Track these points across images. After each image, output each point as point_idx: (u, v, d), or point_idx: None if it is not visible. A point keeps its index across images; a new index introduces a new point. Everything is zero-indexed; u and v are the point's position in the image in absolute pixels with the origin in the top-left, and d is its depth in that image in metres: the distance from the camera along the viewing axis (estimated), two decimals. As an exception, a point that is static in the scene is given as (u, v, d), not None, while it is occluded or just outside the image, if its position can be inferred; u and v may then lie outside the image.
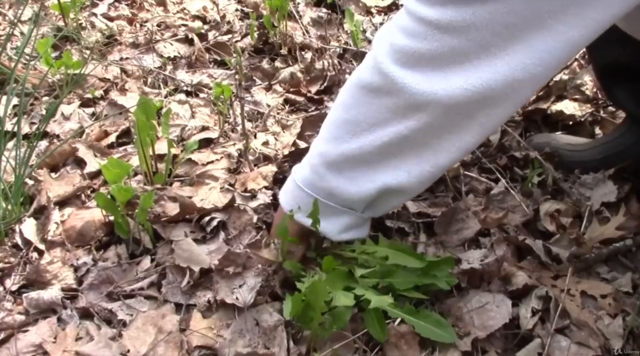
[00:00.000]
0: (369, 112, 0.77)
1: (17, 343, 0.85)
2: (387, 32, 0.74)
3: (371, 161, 0.80)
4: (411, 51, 0.70)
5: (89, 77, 1.49)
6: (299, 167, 0.89)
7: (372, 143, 0.78)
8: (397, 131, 0.76)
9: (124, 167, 1.01)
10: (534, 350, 0.81)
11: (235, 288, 0.89)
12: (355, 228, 0.89)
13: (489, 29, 0.65)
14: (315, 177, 0.85)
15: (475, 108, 0.71)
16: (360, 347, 0.84)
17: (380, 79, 0.74)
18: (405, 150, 0.78)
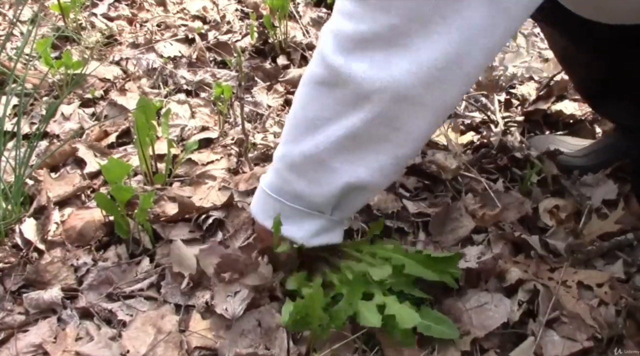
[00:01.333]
0: (322, 107, 0.75)
1: (17, 343, 0.85)
2: (330, 22, 0.73)
3: (329, 159, 0.78)
4: (352, 35, 0.68)
5: (89, 77, 1.49)
6: (266, 174, 0.88)
7: (327, 140, 0.76)
8: (350, 124, 0.74)
9: (124, 167, 1.01)
10: (528, 347, 0.82)
11: (230, 295, 0.88)
12: (327, 232, 0.87)
13: (427, 3, 0.63)
14: (280, 181, 0.84)
15: (424, 92, 0.69)
16: (359, 347, 0.84)
17: (326, 71, 0.72)
18: (360, 145, 0.76)
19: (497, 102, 1.41)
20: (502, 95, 1.45)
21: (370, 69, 0.68)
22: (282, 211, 0.83)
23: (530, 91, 1.46)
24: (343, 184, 0.79)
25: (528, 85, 1.48)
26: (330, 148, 0.76)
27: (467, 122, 1.37)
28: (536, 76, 1.52)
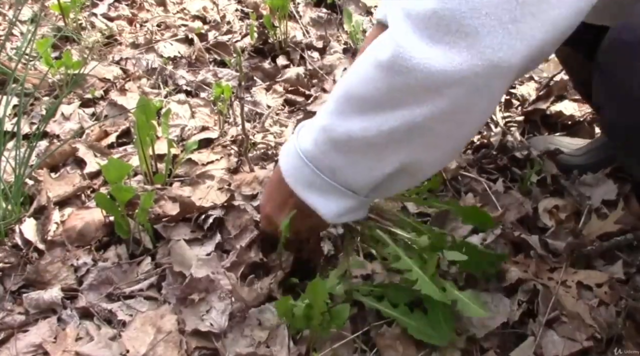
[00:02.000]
0: (379, 92, 0.66)
1: (17, 343, 0.85)
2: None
3: (378, 147, 0.70)
4: (430, 15, 0.57)
5: (89, 77, 1.49)
6: (303, 134, 0.78)
7: (379, 128, 0.68)
8: (409, 118, 0.65)
9: (124, 167, 1.01)
10: (528, 347, 0.82)
11: (204, 314, 0.87)
12: (354, 211, 0.82)
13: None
14: (318, 152, 0.75)
15: (499, 81, 0.61)
16: (359, 347, 0.84)
17: (392, 56, 0.62)
18: (417, 138, 0.68)
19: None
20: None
21: (445, 57, 0.58)
22: (314, 182, 0.77)
23: (530, 91, 1.46)
24: (390, 171, 0.73)
25: (528, 85, 1.48)
26: (381, 136, 0.68)
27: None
28: (536, 76, 1.52)
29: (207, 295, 0.89)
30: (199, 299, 0.88)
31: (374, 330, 0.86)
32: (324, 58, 1.65)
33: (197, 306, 0.88)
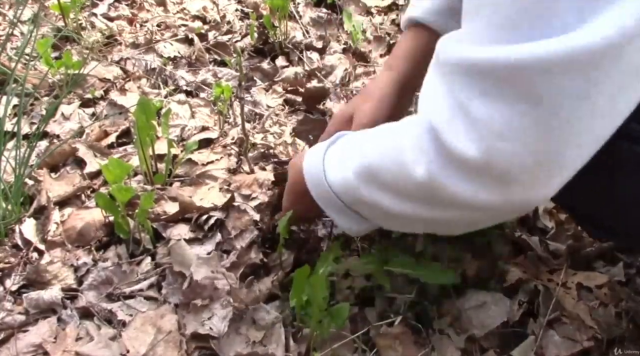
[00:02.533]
0: (408, 190, 0.64)
1: (17, 343, 0.85)
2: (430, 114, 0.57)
3: (403, 217, 0.70)
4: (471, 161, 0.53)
5: (89, 77, 1.49)
6: (333, 165, 0.76)
7: (405, 210, 0.67)
8: (436, 215, 0.65)
9: (124, 167, 1.01)
10: (529, 346, 0.82)
11: (205, 320, 0.87)
12: (375, 227, 0.83)
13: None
14: (346, 195, 0.75)
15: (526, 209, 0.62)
16: (359, 347, 0.84)
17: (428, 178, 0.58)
18: (440, 225, 0.70)
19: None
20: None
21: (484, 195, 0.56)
22: (338, 206, 0.77)
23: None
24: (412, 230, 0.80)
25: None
26: (406, 214, 0.68)
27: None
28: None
29: (210, 302, 0.89)
30: (202, 305, 0.88)
31: (374, 330, 0.86)
32: (323, 58, 1.65)
33: (199, 312, 0.88)
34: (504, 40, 0.47)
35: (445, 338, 0.85)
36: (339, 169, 0.75)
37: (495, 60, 0.47)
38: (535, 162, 0.52)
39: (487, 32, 0.49)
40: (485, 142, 0.51)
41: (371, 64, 1.62)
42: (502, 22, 0.48)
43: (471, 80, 0.50)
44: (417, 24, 0.92)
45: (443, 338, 0.85)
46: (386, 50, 1.69)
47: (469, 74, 0.50)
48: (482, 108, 0.50)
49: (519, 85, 0.47)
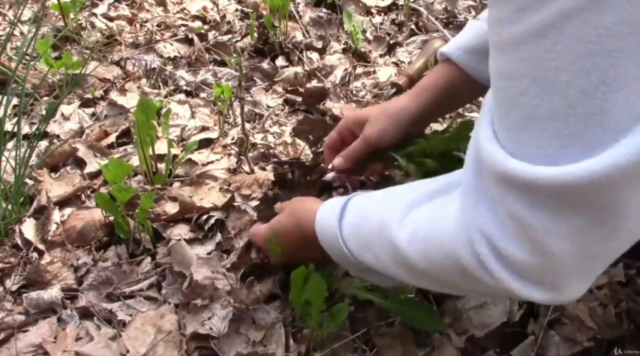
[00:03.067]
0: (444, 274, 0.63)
1: (17, 343, 0.85)
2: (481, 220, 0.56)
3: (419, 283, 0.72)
4: (525, 265, 0.54)
5: (89, 77, 1.49)
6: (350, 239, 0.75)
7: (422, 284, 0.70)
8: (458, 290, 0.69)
9: (125, 167, 1.01)
10: (528, 347, 0.82)
11: (205, 320, 0.87)
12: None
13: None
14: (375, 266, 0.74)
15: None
16: (359, 346, 0.84)
17: (477, 270, 0.58)
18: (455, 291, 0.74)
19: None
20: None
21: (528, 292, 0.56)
22: (350, 263, 0.77)
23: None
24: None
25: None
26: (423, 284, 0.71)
27: (466, 122, 1.37)
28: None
29: (210, 303, 0.89)
30: (202, 305, 0.88)
31: (374, 330, 0.86)
32: (323, 58, 1.65)
33: (199, 312, 0.88)
34: (557, 160, 0.48)
35: (445, 338, 0.85)
36: (365, 249, 0.73)
37: (548, 180, 0.48)
38: (584, 265, 0.54)
39: (537, 151, 0.49)
40: (539, 248, 0.52)
41: (371, 64, 1.62)
42: (551, 141, 0.48)
43: (521, 193, 0.50)
44: (448, 59, 0.94)
45: (443, 338, 0.85)
46: (386, 50, 1.69)
47: (520, 188, 0.50)
48: (534, 218, 0.50)
49: (570, 199, 0.48)
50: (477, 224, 0.56)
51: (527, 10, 0.46)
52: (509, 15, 0.48)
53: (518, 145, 0.51)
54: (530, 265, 0.53)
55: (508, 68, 0.50)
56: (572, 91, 0.45)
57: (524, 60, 0.48)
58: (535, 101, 0.48)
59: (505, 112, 0.52)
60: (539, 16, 0.45)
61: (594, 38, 0.43)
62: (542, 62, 0.46)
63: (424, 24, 1.80)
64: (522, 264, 0.54)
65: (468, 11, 1.92)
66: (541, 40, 0.46)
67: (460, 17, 1.88)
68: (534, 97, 0.48)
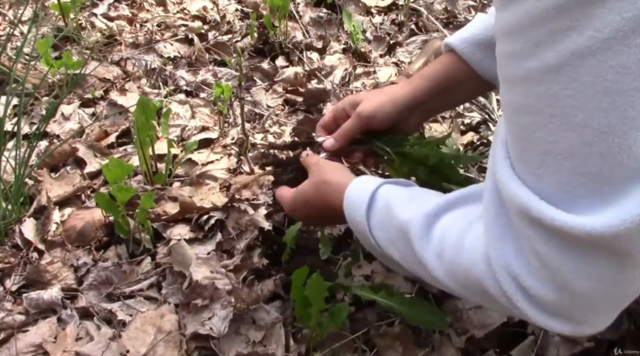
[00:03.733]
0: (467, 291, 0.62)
1: (17, 343, 0.85)
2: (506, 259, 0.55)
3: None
4: (550, 302, 0.53)
5: (89, 77, 1.49)
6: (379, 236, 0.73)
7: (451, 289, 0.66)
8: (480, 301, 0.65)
9: (125, 167, 1.01)
10: (528, 347, 0.82)
11: (205, 320, 0.87)
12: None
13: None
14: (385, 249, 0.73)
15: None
16: (359, 346, 0.84)
17: (501, 299, 0.57)
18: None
19: (496, 101, 1.41)
20: (502, 95, 1.45)
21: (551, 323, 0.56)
22: (377, 252, 0.76)
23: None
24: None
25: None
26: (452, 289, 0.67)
27: (466, 122, 1.37)
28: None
29: (210, 303, 0.89)
30: (202, 305, 0.88)
31: (374, 330, 0.86)
32: (323, 58, 1.65)
33: (199, 312, 0.88)
34: (577, 199, 0.47)
35: (445, 339, 0.85)
36: (390, 245, 0.72)
37: (581, 230, 0.46)
38: (615, 303, 0.53)
39: (557, 187, 0.48)
40: (567, 289, 0.51)
41: (371, 64, 1.62)
42: (570, 178, 0.47)
43: (549, 237, 0.49)
44: (452, 50, 0.92)
45: (443, 339, 0.85)
46: (386, 50, 1.69)
47: (549, 231, 0.49)
48: (563, 261, 0.49)
49: (603, 246, 0.47)
50: (503, 262, 0.54)
51: (541, 46, 0.45)
52: (523, 50, 0.46)
53: (539, 181, 0.49)
54: (558, 303, 0.52)
55: (523, 103, 0.48)
56: (588, 130, 0.44)
57: (540, 96, 0.46)
58: (552, 138, 0.47)
59: (522, 147, 0.50)
60: (553, 53, 0.44)
61: (610, 76, 0.42)
62: (558, 99, 0.45)
63: (424, 24, 1.80)
64: (550, 302, 0.52)
65: (468, 11, 1.92)
66: (556, 78, 0.45)
67: (460, 17, 1.88)
68: (550, 133, 0.47)
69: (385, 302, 0.82)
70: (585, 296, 0.51)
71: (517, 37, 0.47)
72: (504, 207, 0.55)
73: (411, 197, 0.73)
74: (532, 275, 0.52)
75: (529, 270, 0.52)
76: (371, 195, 0.74)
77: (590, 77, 0.43)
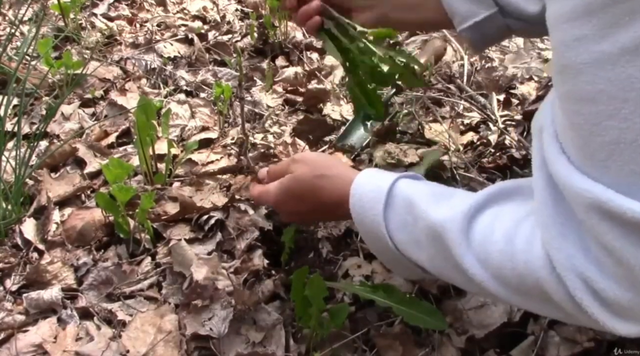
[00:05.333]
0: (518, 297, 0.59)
1: (17, 343, 0.85)
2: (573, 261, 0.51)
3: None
4: (623, 302, 0.50)
5: (89, 77, 1.49)
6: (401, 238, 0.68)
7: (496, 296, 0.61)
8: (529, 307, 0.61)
9: (125, 167, 1.01)
10: (528, 347, 0.82)
11: (205, 321, 0.87)
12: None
13: None
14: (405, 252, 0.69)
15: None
16: (359, 346, 0.84)
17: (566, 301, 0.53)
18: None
19: (496, 101, 1.41)
20: (501, 95, 1.45)
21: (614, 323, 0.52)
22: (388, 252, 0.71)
23: (530, 91, 1.45)
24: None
25: (528, 84, 1.48)
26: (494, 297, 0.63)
27: (466, 122, 1.37)
28: (536, 76, 1.52)
29: (211, 303, 0.89)
30: (202, 306, 0.88)
31: (374, 330, 0.86)
32: (323, 58, 1.65)
33: (200, 312, 0.88)
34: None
35: (445, 338, 0.85)
36: (416, 248, 0.67)
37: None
38: None
39: (629, 179, 0.46)
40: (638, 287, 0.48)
41: (371, 64, 1.62)
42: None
43: (626, 231, 0.47)
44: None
45: (443, 338, 0.85)
46: (386, 50, 1.69)
47: (626, 226, 0.47)
48: (632, 254, 0.47)
49: None
50: (569, 265, 0.51)
51: (615, 27, 0.43)
52: (594, 33, 0.44)
53: (606, 173, 0.47)
54: (634, 302, 0.49)
55: (590, 91, 0.46)
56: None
57: (612, 81, 0.44)
58: (625, 125, 0.45)
59: (585, 139, 0.48)
60: (630, 33, 0.42)
61: None
62: (634, 82, 0.43)
63: (424, 24, 1.80)
64: (624, 303, 0.50)
65: (468, 11, 1.92)
66: (633, 59, 0.43)
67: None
68: (623, 120, 0.44)
69: (384, 302, 0.81)
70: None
71: (585, 20, 0.45)
72: (561, 205, 0.52)
73: (436, 193, 0.67)
74: (604, 274, 0.49)
75: (599, 269, 0.49)
76: (388, 192, 0.68)
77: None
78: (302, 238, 0.99)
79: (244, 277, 0.94)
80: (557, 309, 0.55)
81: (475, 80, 1.48)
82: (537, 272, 0.54)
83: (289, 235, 0.90)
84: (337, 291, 0.91)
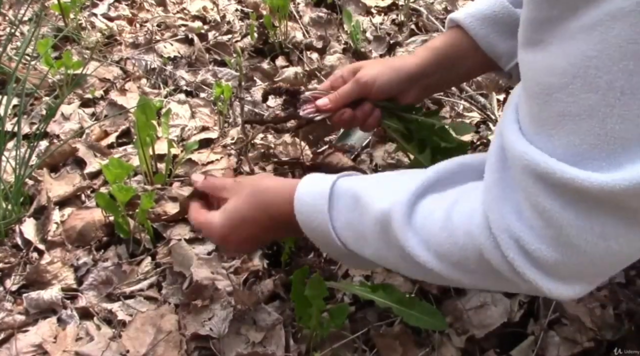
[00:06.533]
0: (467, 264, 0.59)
1: (17, 343, 0.85)
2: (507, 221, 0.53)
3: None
4: (553, 263, 0.52)
5: (89, 77, 1.49)
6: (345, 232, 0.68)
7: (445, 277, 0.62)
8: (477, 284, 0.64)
9: (125, 167, 1.01)
10: (528, 347, 0.82)
11: (205, 321, 0.87)
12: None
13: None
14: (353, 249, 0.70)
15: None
16: (359, 346, 0.84)
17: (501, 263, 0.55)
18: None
19: (496, 101, 1.41)
20: (501, 95, 1.45)
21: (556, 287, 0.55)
22: (350, 257, 0.72)
23: (530, 91, 1.45)
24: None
25: (528, 85, 1.48)
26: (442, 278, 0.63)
27: (466, 122, 1.37)
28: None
29: (211, 303, 0.89)
30: (202, 306, 0.88)
31: (374, 330, 0.86)
32: (323, 58, 1.65)
33: (200, 312, 0.88)
34: (585, 160, 0.47)
35: (445, 338, 0.85)
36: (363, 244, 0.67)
37: (598, 187, 0.46)
38: (615, 262, 0.53)
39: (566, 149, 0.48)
40: (570, 247, 0.50)
41: (371, 64, 1.62)
42: (583, 139, 0.47)
43: (556, 193, 0.49)
44: (457, 26, 0.91)
45: (443, 338, 0.85)
46: (386, 50, 1.69)
47: (556, 187, 0.49)
48: (567, 218, 0.49)
49: (611, 202, 0.47)
50: (503, 225, 0.53)
51: (581, 10, 0.45)
52: (563, 13, 0.46)
53: (549, 141, 0.49)
54: (561, 262, 0.52)
55: (547, 63, 0.49)
56: (611, 92, 0.44)
57: (567, 56, 0.46)
58: (572, 99, 0.47)
59: (539, 107, 0.50)
60: (591, 11, 0.44)
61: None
62: (584, 59, 0.45)
63: (424, 24, 1.80)
64: (552, 263, 0.52)
65: (468, 11, 1.92)
66: (587, 37, 0.45)
67: (460, 17, 1.87)
68: (570, 94, 0.47)
69: (384, 302, 0.81)
70: (588, 255, 0.50)
71: (555, 3, 0.47)
72: (506, 169, 0.54)
73: (380, 182, 0.68)
74: (534, 234, 0.52)
75: (531, 230, 0.52)
76: (330, 192, 0.67)
77: (619, 39, 0.43)
78: (302, 238, 0.99)
79: (244, 277, 0.94)
80: (499, 280, 0.57)
81: (475, 80, 1.48)
82: (477, 239, 0.56)
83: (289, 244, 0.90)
84: (337, 291, 0.91)
